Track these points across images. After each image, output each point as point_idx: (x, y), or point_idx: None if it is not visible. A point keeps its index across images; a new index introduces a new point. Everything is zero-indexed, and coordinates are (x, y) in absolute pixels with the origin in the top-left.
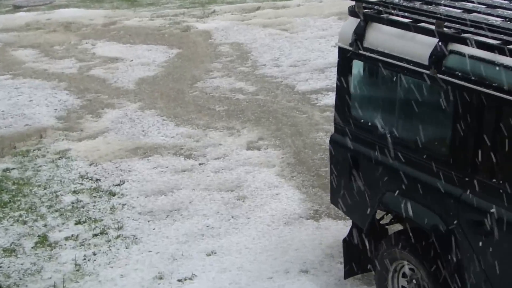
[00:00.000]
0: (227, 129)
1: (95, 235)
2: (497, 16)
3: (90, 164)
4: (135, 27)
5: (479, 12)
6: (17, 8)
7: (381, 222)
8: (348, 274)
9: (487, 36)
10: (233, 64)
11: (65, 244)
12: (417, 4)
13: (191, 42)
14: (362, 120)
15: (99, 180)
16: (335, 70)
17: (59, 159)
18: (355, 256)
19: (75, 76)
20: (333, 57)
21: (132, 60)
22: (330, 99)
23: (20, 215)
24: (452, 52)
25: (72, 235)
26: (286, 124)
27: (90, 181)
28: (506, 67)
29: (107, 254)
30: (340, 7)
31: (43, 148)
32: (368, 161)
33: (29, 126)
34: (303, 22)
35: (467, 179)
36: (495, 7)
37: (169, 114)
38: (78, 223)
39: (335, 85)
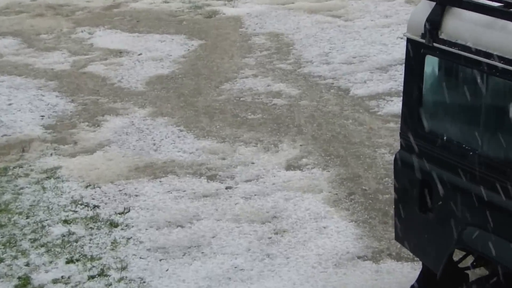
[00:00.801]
0: (261, 143)
1: (91, 277)
2: None
3: (86, 186)
4: (144, 11)
5: None
6: None
7: (459, 265)
8: None
9: None
10: (270, 60)
11: None
12: None
13: (217, 31)
14: (437, 133)
15: (98, 206)
16: (401, 68)
17: (46, 179)
18: None
19: (68, 74)
20: (400, 52)
21: (140, 54)
22: (395, 106)
23: None
24: None
25: (62, 277)
26: (337, 138)
27: (86, 208)
28: None
29: None
30: None
31: (25, 165)
32: (444, 186)
33: (8, 137)
34: (360, 6)
35: None
36: None
37: (188, 123)
38: (69, 261)
39: (401, 88)
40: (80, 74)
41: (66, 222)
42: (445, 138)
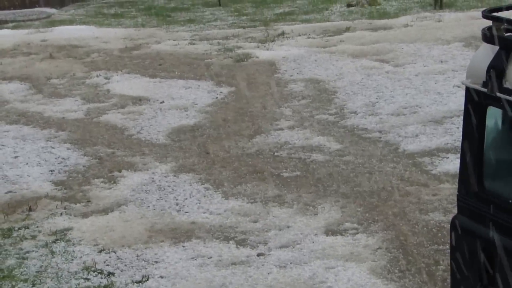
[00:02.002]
0: (298, 204)
1: None
2: None
3: (100, 251)
4: (168, 53)
5: None
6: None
7: None
8: None
9: None
10: (309, 110)
11: None
12: None
13: (249, 77)
14: (501, 196)
15: (112, 274)
16: (459, 121)
17: (55, 242)
18: None
19: (81, 123)
20: (457, 102)
21: (162, 102)
22: (451, 164)
23: None
24: None
25: None
26: (384, 200)
27: (100, 275)
28: None
29: None
30: (468, 28)
31: (32, 225)
32: (510, 256)
33: (13, 194)
34: (412, 50)
35: None
36: None
37: (215, 181)
38: None
39: (458, 144)
40: (95, 123)
41: None
42: (510, 201)
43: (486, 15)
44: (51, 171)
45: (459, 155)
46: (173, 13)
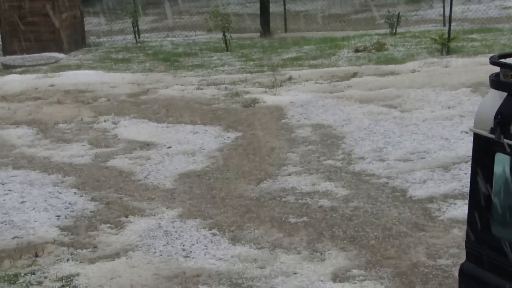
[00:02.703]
0: (305, 250)
1: None
2: None
3: None
4: (175, 98)
5: None
6: (7, 68)
7: None
8: None
9: None
10: (316, 156)
11: None
12: None
13: (256, 122)
14: (510, 243)
15: None
16: (466, 167)
17: None
18: None
19: (88, 168)
20: (464, 148)
21: (170, 147)
22: (459, 210)
23: None
24: None
25: None
26: (392, 246)
27: None
28: None
29: None
30: (476, 74)
31: (38, 271)
32: None
33: (20, 240)
34: (419, 95)
35: None
36: None
37: (222, 227)
38: None
39: (466, 190)
40: (102, 169)
41: None
42: None
43: (494, 61)
44: (58, 216)
45: (467, 201)
46: (180, 58)
